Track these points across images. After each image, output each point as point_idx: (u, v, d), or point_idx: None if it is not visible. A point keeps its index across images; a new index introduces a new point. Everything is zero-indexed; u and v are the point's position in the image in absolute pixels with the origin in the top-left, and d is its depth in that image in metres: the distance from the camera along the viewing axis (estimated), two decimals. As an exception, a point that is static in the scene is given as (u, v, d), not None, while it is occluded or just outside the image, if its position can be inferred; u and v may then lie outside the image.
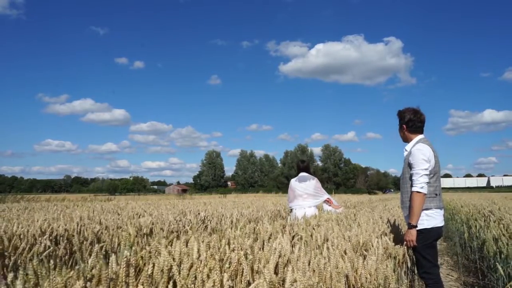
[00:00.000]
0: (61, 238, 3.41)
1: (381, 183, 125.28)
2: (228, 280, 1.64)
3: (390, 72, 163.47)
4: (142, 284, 1.54)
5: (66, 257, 3.37)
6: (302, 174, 6.17)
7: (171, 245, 2.24)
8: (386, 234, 4.00)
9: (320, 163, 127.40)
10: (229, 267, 1.79)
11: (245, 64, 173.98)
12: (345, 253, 2.72)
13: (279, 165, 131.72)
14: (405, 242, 3.48)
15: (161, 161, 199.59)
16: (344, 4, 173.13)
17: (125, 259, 1.61)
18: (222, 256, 2.01)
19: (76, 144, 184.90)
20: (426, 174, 3.42)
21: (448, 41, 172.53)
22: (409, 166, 3.54)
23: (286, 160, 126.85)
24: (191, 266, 1.69)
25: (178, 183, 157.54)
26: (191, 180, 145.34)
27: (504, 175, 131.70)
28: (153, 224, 4.40)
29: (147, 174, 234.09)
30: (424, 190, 3.39)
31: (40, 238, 3.15)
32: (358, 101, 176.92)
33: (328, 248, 2.74)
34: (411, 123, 3.68)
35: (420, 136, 3.67)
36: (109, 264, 1.81)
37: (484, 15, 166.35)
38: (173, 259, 1.96)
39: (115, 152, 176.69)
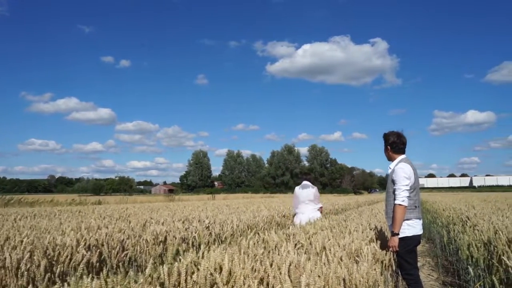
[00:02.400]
0: (94, 247, 3.91)
1: (366, 183, 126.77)
2: (258, 285, 2.18)
3: (376, 73, 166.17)
4: (199, 288, 2.06)
5: (97, 264, 3.86)
6: (305, 183, 7.02)
7: (203, 256, 2.76)
8: (373, 241, 4.56)
9: (306, 163, 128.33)
10: (258, 274, 2.32)
11: (232, 64, 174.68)
12: (341, 259, 3.27)
13: (266, 165, 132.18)
14: (390, 248, 4.05)
15: (147, 161, 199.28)
16: (331, 5, 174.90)
17: (184, 267, 2.13)
18: (248, 264, 2.54)
19: (60, 143, 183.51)
20: (407, 189, 3.99)
21: (433, 42, 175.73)
22: (393, 182, 4.11)
23: (273, 160, 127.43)
24: (230, 273, 2.22)
25: (165, 183, 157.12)
26: (177, 180, 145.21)
27: (486, 175, 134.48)
28: (167, 232, 4.91)
29: (133, 174, 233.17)
30: (405, 203, 3.96)
31: (77, 248, 3.64)
32: (344, 101, 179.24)
33: (327, 255, 3.30)
34: (394, 144, 4.26)
35: (402, 156, 4.25)
36: (161, 271, 2.33)
37: (468, 18, 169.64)
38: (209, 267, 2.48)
39: (100, 151, 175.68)
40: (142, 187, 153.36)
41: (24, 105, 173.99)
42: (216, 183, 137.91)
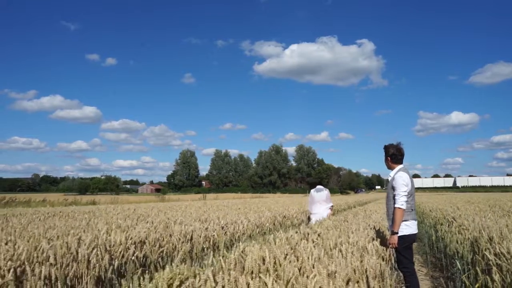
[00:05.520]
0: (139, 244, 4.53)
1: (353, 183, 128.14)
2: (298, 272, 2.83)
3: (363, 73, 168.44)
4: (258, 273, 2.71)
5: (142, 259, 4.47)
6: (318, 186, 8.26)
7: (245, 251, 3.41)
8: (374, 239, 5.26)
9: (294, 163, 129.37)
10: (296, 264, 2.98)
11: (219, 63, 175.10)
12: (353, 254, 3.94)
13: (254, 165, 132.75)
14: (391, 245, 4.73)
15: (133, 160, 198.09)
16: (319, 5, 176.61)
17: (237, 257, 2.78)
18: (282, 257, 3.19)
19: (45, 141, 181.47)
20: (406, 195, 4.68)
21: (418, 44, 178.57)
22: (393, 188, 4.80)
23: (260, 160, 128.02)
24: (277, 263, 2.87)
25: (152, 182, 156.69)
26: (164, 179, 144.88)
27: (469, 176, 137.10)
28: (192, 232, 5.54)
29: (119, 173, 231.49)
30: (404, 207, 4.64)
31: (126, 245, 4.25)
32: (331, 101, 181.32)
33: (340, 250, 3.97)
34: (394, 156, 4.95)
35: (400, 166, 4.94)
36: (221, 260, 2.97)
37: (452, 21, 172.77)
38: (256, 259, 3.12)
39: (85, 150, 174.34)
40: (128, 186, 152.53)
41: (7, 102, 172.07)
42: (203, 182, 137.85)
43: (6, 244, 3.67)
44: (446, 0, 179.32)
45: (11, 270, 2.88)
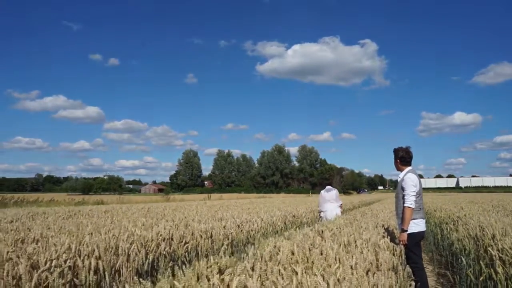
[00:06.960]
0: (168, 240, 4.89)
1: (355, 183, 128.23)
2: (322, 264, 3.19)
3: (365, 74, 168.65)
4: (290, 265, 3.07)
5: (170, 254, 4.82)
6: (328, 187, 8.86)
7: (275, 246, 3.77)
8: (384, 237, 5.60)
9: (296, 164, 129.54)
10: (323, 256, 3.34)
11: (222, 63, 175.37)
12: (368, 249, 4.29)
13: (256, 165, 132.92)
14: (400, 242, 5.07)
15: (136, 160, 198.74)
16: (321, 6, 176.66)
17: (271, 250, 3.13)
18: (306, 250, 3.54)
19: (47, 141, 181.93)
20: (414, 195, 5.02)
21: (421, 44, 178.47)
22: (402, 189, 5.14)
23: (263, 160, 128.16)
24: (303, 256, 3.23)
25: (154, 182, 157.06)
26: (166, 179, 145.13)
27: (472, 176, 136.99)
28: (212, 229, 5.90)
29: (121, 173, 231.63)
30: (413, 206, 4.98)
31: (158, 241, 4.61)
32: (333, 102, 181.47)
33: (356, 246, 4.32)
34: (403, 158, 5.30)
35: (409, 168, 5.29)
36: (258, 253, 3.32)
37: (455, 21, 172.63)
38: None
39: (88, 150, 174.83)
40: (131, 186, 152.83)
41: (10, 102, 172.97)
42: (206, 182, 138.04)
43: (51, 238, 4.04)
44: (448, 0, 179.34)
45: (67, 261, 3.23)
